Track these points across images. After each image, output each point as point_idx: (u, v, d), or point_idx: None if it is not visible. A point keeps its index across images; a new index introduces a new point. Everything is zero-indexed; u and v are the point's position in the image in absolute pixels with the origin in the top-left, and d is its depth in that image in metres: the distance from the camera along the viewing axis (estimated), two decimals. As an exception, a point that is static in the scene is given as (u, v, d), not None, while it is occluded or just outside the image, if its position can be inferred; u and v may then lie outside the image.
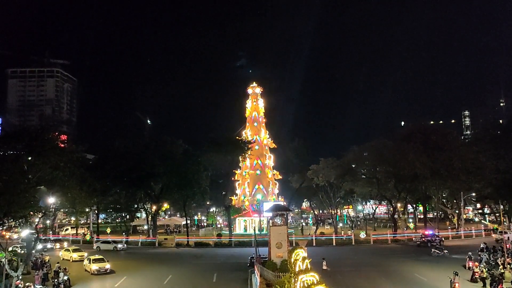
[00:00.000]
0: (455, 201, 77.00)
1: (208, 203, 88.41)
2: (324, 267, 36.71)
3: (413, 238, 60.30)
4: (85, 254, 45.06)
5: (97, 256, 39.52)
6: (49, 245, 56.93)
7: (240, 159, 75.29)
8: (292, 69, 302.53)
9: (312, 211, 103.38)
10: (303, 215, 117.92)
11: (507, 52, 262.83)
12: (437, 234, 57.84)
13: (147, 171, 62.96)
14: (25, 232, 36.60)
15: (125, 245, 58.83)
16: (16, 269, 31.60)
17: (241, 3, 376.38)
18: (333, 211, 78.30)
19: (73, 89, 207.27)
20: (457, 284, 27.17)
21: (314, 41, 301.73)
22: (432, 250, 46.35)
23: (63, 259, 45.74)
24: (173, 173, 63.54)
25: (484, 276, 30.04)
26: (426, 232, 57.68)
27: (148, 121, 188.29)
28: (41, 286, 31.36)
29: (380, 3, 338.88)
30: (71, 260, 44.86)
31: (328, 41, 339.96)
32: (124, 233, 73.22)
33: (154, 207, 70.68)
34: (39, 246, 43.31)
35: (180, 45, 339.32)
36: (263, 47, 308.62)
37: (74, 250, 47.22)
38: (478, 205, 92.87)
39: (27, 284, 29.91)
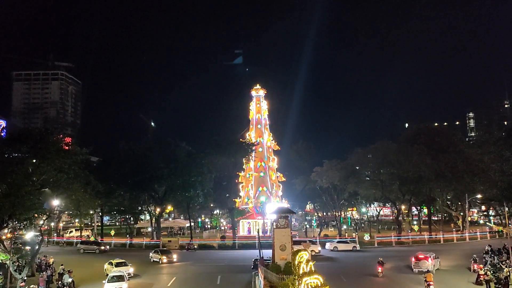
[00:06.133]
0: (459, 203, 76.60)
1: (211, 205, 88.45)
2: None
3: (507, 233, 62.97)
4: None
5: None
6: None
7: (244, 161, 75.28)
8: (295, 71, 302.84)
9: (316, 213, 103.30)
10: (307, 217, 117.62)
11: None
12: None
13: (151, 173, 63.04)
14: (30, 234, 36.71)
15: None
16: (20, 271, 31.73)
17: (244, 4, 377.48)
18: (337, 213, 78.15)
19: (77, 92, 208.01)
20: (379, 269, 34.83)
21: (317, 42, 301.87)
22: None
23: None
24: (177, 176, 63.57)
25: (489, 278, 29.83)
26: None
27: (152, 124, 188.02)
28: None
29: (383, 5, 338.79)
30: None
31: (331, 43, 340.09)
32: (128, 235, 73.40)
33: (158, 209, 70.72)
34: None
35: (185, 48, 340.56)
36: (266, 49, 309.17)
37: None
38: (483, 207, 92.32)
39: (31, 286, 30.04)
